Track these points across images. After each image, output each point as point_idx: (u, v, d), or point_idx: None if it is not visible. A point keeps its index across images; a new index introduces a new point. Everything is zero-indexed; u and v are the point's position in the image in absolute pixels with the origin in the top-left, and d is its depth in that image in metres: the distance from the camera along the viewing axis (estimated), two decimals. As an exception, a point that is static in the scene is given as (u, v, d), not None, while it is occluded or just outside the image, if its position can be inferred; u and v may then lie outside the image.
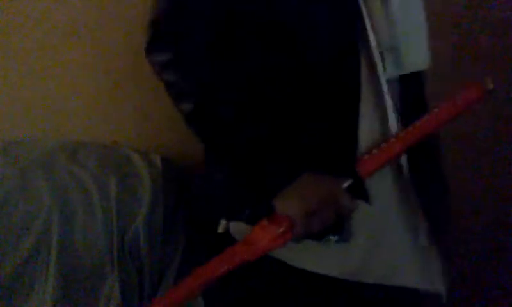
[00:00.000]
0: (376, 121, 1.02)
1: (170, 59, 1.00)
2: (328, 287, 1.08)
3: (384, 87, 1.00)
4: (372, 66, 1.00)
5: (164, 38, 1.01)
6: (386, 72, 1.01)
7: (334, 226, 0.95)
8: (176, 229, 1.35)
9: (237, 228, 1.15)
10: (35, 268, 1.23)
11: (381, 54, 1.01)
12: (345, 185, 0.95)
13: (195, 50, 0.99)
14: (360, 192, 0.97)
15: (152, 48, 1.02)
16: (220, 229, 1.08)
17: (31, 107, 1.54)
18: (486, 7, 1.48)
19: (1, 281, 1.22)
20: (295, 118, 0.99)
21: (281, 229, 0.92)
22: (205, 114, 0.99)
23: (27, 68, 1.52)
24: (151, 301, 1.27)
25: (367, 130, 1.01)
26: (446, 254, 1.13)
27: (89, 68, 1.51)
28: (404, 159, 1.05)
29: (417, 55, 1.03)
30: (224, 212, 1.13)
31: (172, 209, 1.35)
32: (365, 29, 0.99)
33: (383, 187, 1.03)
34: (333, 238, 1.03)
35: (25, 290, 1.22)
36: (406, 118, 1.03)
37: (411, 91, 1.07)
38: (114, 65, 1.50)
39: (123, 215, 1.29)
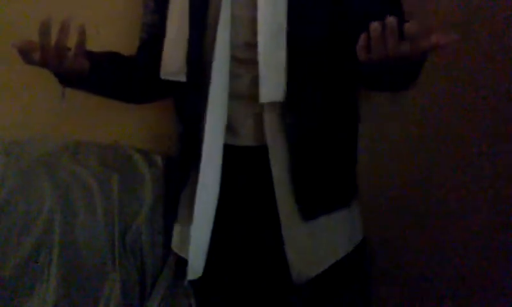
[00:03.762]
0: None
1: None
2: None
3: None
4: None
5: None
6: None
7: None
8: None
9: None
10: (36, 267, 1.23)
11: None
12: None
13: None
14: None
15: None
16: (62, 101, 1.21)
17: (32, 107, 1.54)
18: (486, 7, 1.48)
19: (2, 281, 1.22)
20: None
21: None
22: None
23: (27, 68, 1.51)
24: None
25: None
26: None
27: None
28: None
29: (273, 88, 1.14)
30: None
31: (173, 209, 1.35)
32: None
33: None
34: None
35: (26, 290, 1.22)
36: None
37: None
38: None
39: (125, 215, 1.29)
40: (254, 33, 1.14)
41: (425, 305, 1.63)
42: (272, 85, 1.14)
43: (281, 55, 1.13)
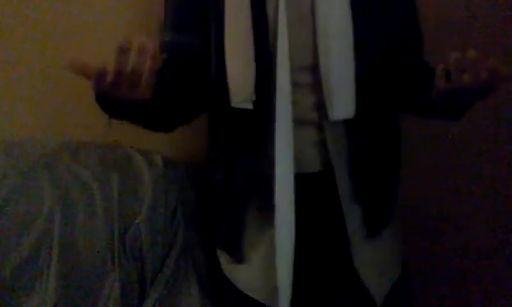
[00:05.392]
0: None
1: None
2: None
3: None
4: None
5: None
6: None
7: None
8: (177, 229, 1.35)
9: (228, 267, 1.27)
10: (36, 267, 1.23)
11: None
12: None
13: None
14: None
15: None
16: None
17: (32, 107, 1.54)
18: (486, 7, 1.48)
19: (2, 281, 1.22)
20: None
21: None
22: None
23: (28, 68, 1.52)
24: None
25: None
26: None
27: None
28: None
29: (343, 105, 1.12)
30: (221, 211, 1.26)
31: (173, 209, 1.35)
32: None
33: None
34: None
35: (26, 290, 1.22)
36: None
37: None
38: (115, 65, 1.50)
39: (125, 215, 1.29)
40: (314, 55, 1.12)
41: (425, 305, 1.63)
42: (342, 102, 1.11)
43: (350, 71, 1.11)
